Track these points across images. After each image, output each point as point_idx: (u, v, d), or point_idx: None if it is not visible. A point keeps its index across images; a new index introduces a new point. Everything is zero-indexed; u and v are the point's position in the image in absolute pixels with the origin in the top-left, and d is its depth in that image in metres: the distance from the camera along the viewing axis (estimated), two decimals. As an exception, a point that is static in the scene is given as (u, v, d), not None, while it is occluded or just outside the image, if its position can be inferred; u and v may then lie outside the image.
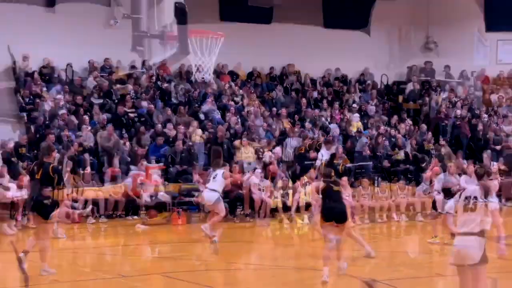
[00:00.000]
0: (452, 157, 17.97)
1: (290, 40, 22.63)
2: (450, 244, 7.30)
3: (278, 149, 18.16)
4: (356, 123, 20.08)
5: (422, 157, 18.12)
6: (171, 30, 7.39)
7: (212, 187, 12.66)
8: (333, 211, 9.26)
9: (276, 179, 16.76)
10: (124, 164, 16.85)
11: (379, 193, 16.27)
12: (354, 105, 21.11)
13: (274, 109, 20.43)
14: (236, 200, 16.05)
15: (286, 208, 15.90)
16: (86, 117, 17.73)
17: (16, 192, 14.04)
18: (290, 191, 15.98)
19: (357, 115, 20.63)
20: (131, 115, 19.04)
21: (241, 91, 21.29)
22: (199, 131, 18.61)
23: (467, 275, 6.53)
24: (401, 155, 18.66)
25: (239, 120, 19.21)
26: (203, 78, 12.26)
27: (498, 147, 18.97)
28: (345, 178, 14.08)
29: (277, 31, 22.38)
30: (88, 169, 16.39)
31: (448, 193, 12.70)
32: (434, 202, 15.42)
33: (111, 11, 19.79)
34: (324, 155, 17.78)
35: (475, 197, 6.52)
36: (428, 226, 14.89)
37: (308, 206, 15.33)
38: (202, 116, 19.57)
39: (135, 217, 15.50)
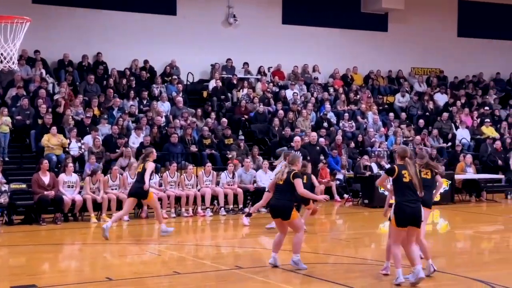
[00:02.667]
0: (249, 153, 19.44)
1: (103, 27, 23.02)
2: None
3: (88, 138, 18.32)
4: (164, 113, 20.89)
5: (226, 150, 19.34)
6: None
7: None
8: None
9: (84, 172, 16.69)
10: None
11: (186, 180, 16.64)
12: (163, 94, 21.84)
13: (86, 98, 20.73)
14: (41, 203, 14.81)
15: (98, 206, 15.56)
16: None
17: None
18: (102, 186, 15.71)
19: (167, 103, 21.52)
20: None
21: (51, 79, 21.33)
22: (7, 120, 18.37)
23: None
24: (208, 140, 19.65)
25: (50, 108, 19.22)
26: (5, 67, 11.74)
27: (293, 144, 20.26)
28: None
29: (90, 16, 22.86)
30: None
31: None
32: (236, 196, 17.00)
33: None
34: (135, 142, 18.71)
35: None
36: (230, 221, 16.22)
37: (120, 201, 15.66)
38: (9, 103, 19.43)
39: None
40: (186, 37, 24.21)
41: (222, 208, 16.88)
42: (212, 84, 23.38)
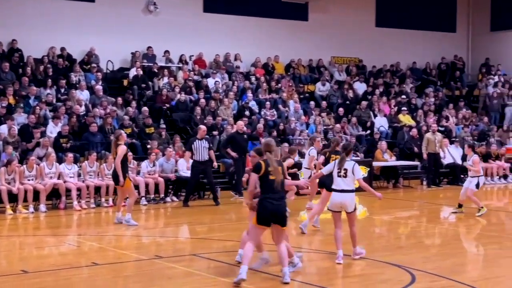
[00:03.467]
0: (171, 142, 19.30)
1: (18, 13, 22.28)
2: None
3: (3, 128, 17.70)
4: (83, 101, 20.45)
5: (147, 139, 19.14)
6: None
7: None
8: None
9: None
10: None
11: (106, 170, 16.29)
12: (82, 83, 21.38)
13: (1, 86, 20.07)
14: None
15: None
16: None
17: None
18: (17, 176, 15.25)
19: (86, 92, 21.09)
20: None
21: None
22: None
23: (339, 217, 9.74)
24: (129, 129, 19.30)
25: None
26: None
27: (215, 132, 20.30)
28: None
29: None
30: None
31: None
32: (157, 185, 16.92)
33: None
34: (53, 132, 18.28)
35: (345, 169, 9.59)
36: (151, 210, 16.09)
37: (37, 192, 15.38)
38: None
39: None
40: (106, 24, 23.72)
41: (143, 198, 16.70)
42: (132, 73, 23.01)
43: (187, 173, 17.34)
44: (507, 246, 11.84)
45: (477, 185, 14.87)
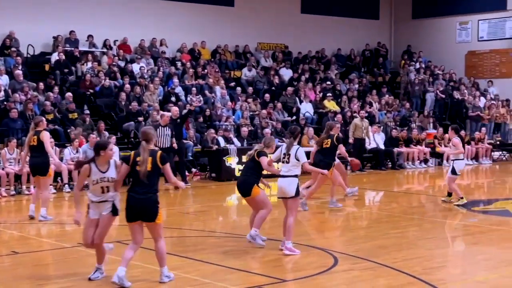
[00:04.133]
0: (95, 128, 18.98)
1: None
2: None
3: None
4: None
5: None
6: None
7: None
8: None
9: None
10: None
11: (27, 157, 16.00)
12: (1, 67, 20.74)
13: None
14: None
15: None
16: None
17: None
18: None
19: (6, 77, 20.48)
20: None
21: None
22: None
23: (285, 205, 9.59)
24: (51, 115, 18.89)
25: None
26: None
27: (140, 118, 20.16)
28: None
29: None
30: None
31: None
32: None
33: None
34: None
35: (289, 154, 9.57)
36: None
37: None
38: None
39: None
40: (26, 7, 23.06)
41: (66, 185, 16.38)
42: (54, 57, 22.46)
43: (112, 160, 17.04)
44: (427, 228, 12.20)
45: (453, 171, 14.14)
